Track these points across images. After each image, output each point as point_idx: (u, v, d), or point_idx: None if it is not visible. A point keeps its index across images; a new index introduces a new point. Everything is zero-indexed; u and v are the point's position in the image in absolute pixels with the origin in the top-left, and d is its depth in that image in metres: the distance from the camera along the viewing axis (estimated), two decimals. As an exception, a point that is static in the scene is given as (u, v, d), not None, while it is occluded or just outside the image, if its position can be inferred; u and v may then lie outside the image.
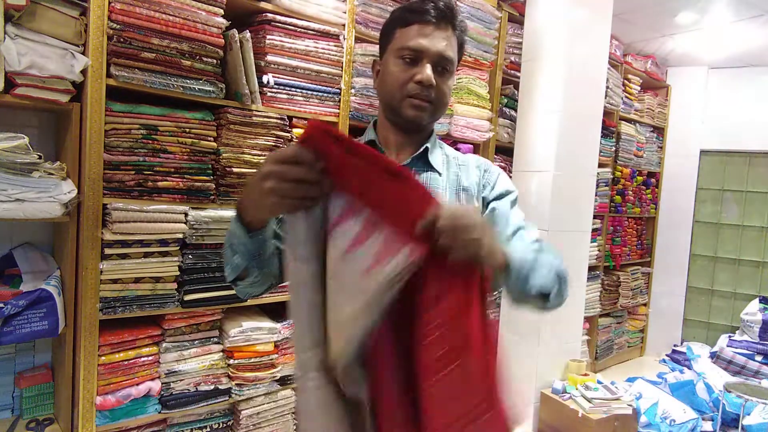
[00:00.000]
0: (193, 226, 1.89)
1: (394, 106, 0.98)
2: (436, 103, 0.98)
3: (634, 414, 2.79)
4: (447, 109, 1.01)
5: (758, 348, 3.91)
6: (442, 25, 0.95)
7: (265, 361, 2.13)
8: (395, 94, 0.97)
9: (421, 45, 0.94)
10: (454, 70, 1.00)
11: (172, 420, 1.99)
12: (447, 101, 1.00)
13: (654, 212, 4.70)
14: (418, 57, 0.95)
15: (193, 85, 1.87)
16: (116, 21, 1.69)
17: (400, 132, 1.03)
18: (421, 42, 0.94)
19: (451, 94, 1.02)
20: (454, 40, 0.97)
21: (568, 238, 2.96)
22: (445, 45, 0.95)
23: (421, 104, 0.96)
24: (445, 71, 0.97)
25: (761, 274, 4.39)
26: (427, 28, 0.95)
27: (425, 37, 0.94)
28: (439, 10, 0.95)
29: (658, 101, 4.56)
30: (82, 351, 1.74)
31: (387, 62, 0.99)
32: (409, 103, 0.96)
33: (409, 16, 0.96)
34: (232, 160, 2.00)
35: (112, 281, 1.77)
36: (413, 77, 0.95)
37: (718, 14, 3.46)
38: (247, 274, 0.91)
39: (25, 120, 1.88)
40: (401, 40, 0.96)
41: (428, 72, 0.94)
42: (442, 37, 0.95)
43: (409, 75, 0.95)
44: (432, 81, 0.94)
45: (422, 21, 0.95)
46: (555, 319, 2.95)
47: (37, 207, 1.61)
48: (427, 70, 0.94)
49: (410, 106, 0.96)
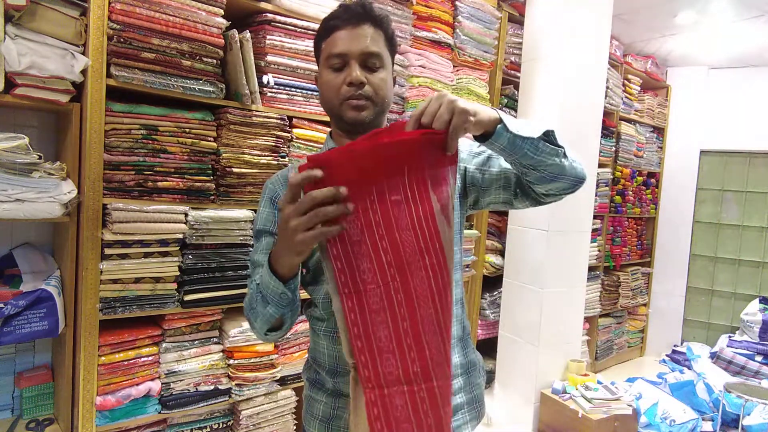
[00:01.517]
0: (193, 227, 1.89)
1: (335, 112, 1.02)
2: (374, 98, 1.00)
3: (634, 414, 2.79)
4: (390, 99, 1.05)
5: (758, 348, 3.91)
6: (360, 24, 0.99)
7: (265, 361, 2.13)
8: (333, 101, 1.00)
9: (343, 49, 0.98)
10: (388, 62, 1.03)
11: (172, 420, 1.99)
12: (385, 93, 1.02)
13: (654, 212, 4.70)
14: (344, 61, 0.98)
15: (193, 85, 1.87)
16: (116, 21, 1.69)
17: (352, 136, 1.04)
18: (343, 46, 0.98)
19: (388, 85, 1.04)
20: (378, 35, 1.00)
21: (568, 238, 2.97)
22: (368, 41, 0.98)
23: (358, 103, 0.99)
24: (375, 66, 1.00)
25: (761, 274, 4.39)
26: (346, 32, 0.98)
27: (346, 41, 0.98)
28: (353, 12, 0.99)
29: (658, 101, 4.56)
30: (82, 351, 1.74)
31: (321, 74, 1.04)
32: (347, 106, 0.99)
33: (329, 25, 1.01)
34: (232, 161, 2.00)
35: (112, 281, 1.77)
36: (344, 81, 0.98)
37: (718, 14, 3.46)
38: (282, 323, 0.97)
39: (25, 120, 1.88)
40: (327, 50, 1.01)
41: (356, 72, 0.97)
42: (363, 35, 0.98)
43: (341, 79, 0.99)
44: (361, 79, 0.97)
45: (340, 27, 0.99)
46: (555, 319, 2.96)
47: (37, 207, 1.61)
48: (354, 71, 0.97)
49: (349, 108, 0.99)
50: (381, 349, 0.80)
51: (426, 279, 0.79)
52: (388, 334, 0.80)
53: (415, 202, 0.79)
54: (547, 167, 0.92)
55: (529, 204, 1.04)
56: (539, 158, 0.90)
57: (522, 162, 0.91)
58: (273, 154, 2.11)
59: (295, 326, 2.23)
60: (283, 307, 0.91)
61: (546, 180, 0.94)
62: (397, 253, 0.79)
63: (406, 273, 0.79)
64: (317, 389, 1.08)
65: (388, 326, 0.80)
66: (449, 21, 2.74)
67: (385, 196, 0.78)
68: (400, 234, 0.79)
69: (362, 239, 0.79)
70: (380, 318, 0.80)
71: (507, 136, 0.86)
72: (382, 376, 0.80)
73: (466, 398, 1.07)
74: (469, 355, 1.09)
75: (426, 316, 0.80)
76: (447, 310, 0.81)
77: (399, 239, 0.79)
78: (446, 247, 0.80)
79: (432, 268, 0.79)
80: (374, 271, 0.79)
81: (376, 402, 0.80)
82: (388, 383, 0.80)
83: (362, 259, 0.79)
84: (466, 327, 1.10)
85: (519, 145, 0.87)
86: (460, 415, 1.05)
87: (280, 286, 0.87)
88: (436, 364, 0.81)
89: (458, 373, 1.05)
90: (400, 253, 0.79)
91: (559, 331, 3.00)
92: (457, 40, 2.78)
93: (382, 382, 0.80)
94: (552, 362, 2.99)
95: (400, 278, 0.79)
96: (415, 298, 0.79)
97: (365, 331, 0.80)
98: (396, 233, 0.78)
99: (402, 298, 0.79)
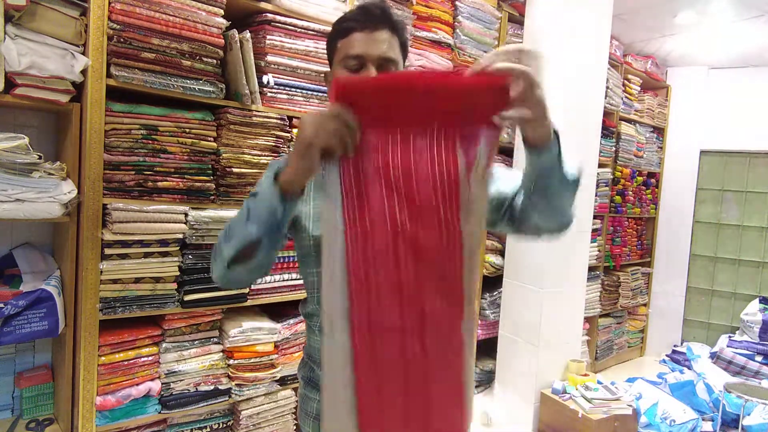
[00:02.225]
0: (193, 227, 1.89)
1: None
2: None
3: (634, 414, 2.79)
4: None
5: (758, 348, 3.91)
6: (379, 29, 0.98)
7: (265, 361, 2.13)
8: None
9: (361, 51, 0.97)
10: (401, 68, 1.03)
11: (172, 420, 1.99)
12: None
13: (654, 212, 4.69)
14: (361, 63, 0.98)
15: (193, 85, 1.87)
16: (116, 21, 1.69)
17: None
18: (360, 48, 0.97)
19: None
20: (394, 41, 1.00)
21: (568, 238, 2.96)
22: (386, 47, 0.98)
23: None
24: (390, 71, 1.00)
25: (761, 274, 4.38)
26: (363, 34, 0.98)
27: (363, 43, 0.98)
28: (374, 15, 0.99)
29: (658, 101, 4.56)
30: (82, 351, 1.74)
31: (335, 73, 1.03)
32: None
33: (347, 26, 1.00)
34: (232, 161, 2.00)
35: (112, 281, 1.77)
36: None
37: (718, 14, 3.45)
38: (252, 252, 0.88)
39: (25, 120, 1.88)
40: (344, 50, 1.00)
41: (374, 75, 0.97)
42: (380, 40, 0.98)
43: None
44: None
45: (360, 28, 0.98)
46: (555, 319, 2.95)
47: (37, 207, 1.61)
48: (372, 74, 0.97)
49: None
50: (378, 294, 0.77)
51: (438, 236, 0.76)
52: (387, 278, 0.76)
53: (439, 154, 0.75)
54: (561, 199, 0.91)
55: (511, 231, 1.03)
56: (561, 189, 0.89)
57: (544, 186, 0.89)
58: (273, 154, 2.11)
59: (295, 326, 2.23)
60: (265, 230, 0.85)
61: (548, 213, 0.93)
62: (411, 200, 0.75)
63: (417, 223, 0.75)
64: (312, 387, 1.08)
65: (387, 270, 0.76)
66: (449, 21, 2.74)
67: (409, 139, 0.76)
68: (418, 182, 0.75)
69: (377, 178, 0.76)
70: (381, 261, 0.76)
71: (555, 152, 0.83)
72: (374, 322, 0.77)
73: None
74: None
75: (430, 273, 0.77)
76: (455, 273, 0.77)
77: (416, 187, 0.75)
78: (463, 208, 0.76)
79: (446, 224, 0.76)
80: (384, 212, 0.76)
81: (363, 346, 0.77)
82: (381, 329, 0.77)
83: (374, 197, 0.76)
84: None
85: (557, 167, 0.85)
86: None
87: (276, 199, 0.84)
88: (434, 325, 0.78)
89: None
90: (414, 202, 0.75)
91: (559, 331, 3.00)
92: (457, 40, 2.78)
93: (373, 327, 0.77)
94: (552, 362, 2.99)
95: (411, 227, 0.75)
96: (423, 250, 0.76)
97: (364, 271, 0.76)
98: (413, 180, 0.75)
99: (408, 247, 0.76)
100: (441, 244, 0.76)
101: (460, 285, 0.78)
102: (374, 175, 0.76)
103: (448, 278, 0.78)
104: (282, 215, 0.86)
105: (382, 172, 0.76)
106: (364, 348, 0.78)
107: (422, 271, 0.77)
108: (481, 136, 0.77)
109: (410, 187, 0.76)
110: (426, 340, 0.78)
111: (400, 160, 0.76)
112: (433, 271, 0.77)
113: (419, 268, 0.77)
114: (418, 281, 0.77)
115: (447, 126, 0.75)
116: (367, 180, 0.77)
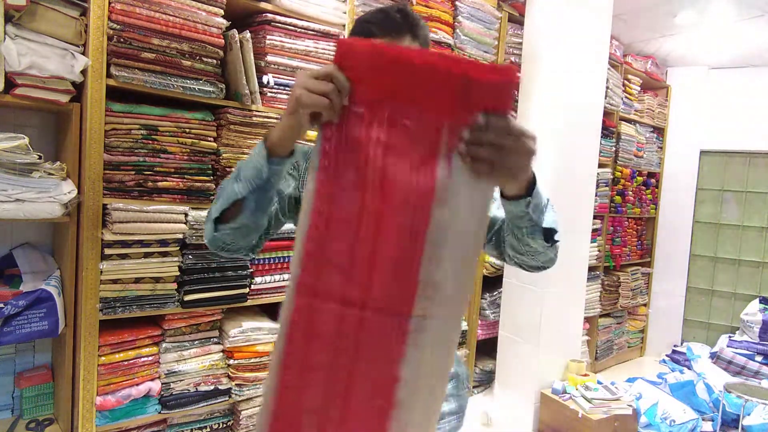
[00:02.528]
0: (193, 227, 1.89)
1: None
2: None
3: (634, 414, 2.79)
4: None
5: (758, 348, 3.91)
6: (400, 37, 0.96)
7: (265, 361, 2.13)
8: None
9: None
10: None
11: (172, 420, 1.99)
12: None
13: (654, 212, 4.69)
14: None
15: (193, 85, 1.87)
16: (116, 21, 1.69)
17: None
18: None
19: None
20: (415, 46, 0.99)
21: (568, 238, 2.94)
22: None
23: None
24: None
25: (761, 274, 4.38)
26: (391, 40, 0.96)
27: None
28: (396, 22, 0.96)
29: (658, 101, 4.56)
30: (82, 351, 1.74)
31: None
32: None
33: (368, 29, 0.97)
34: (232, 161, 2.00)
35: (112, 281, 1.77)
36: None
37: (719, 14, 3.45)
38: (237, 212, 0.88)
39: (25, 120, 1.88)
40: None
41: None
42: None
43: None
44: None
45: (381, 35, 0.96)
46: (555, 319, 2.95)
47: (37, 207, 1.61)
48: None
49: None
50: (329, 262, 0.75)
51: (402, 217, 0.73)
52: (344, 250, 0.74)
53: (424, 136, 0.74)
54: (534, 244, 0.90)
55: (496, 255, 1.03)
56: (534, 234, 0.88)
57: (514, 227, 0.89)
58: (273, 154, 2.10)
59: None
60: (250, 189, 0.85)
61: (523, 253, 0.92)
62: (385, 177, 0.73)
63: (386, 202, 0.73)
64: None
65: (348, 242, 0.74)
66: (449, 21, 2.74)
67: (398, 117, 0.74)
68: (397, 161, 0.74)
69: (357, 148, 0.74)
70: (342, 230, 0.74)
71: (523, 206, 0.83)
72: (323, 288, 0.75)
73: (449, 408, 1.08)
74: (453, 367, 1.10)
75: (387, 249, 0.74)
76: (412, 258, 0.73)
77: (393, 165, 0.73)
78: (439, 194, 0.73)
79: (415, 208, 0.73)
80: (356, 184, 0.74)
81: (303, 310, 0.75)
82: (325, 296, 0.75)
83: (350, 168, 0.74)
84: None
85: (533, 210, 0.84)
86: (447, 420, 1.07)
87: (263, 158, 0.84)
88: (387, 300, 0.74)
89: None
90: (388, 180, 0.73)
91: (559, 331, 3.00)
92: (457, 40, 2.77)
93: (319, 293, 0.75)
94: (552, 362, 2.99)
95: (381, 203, 0.73)
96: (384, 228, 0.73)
97: (321, 237, 0.75)
98: (393, 158, 0.74)
99: (370, 222, 0.74)
100: (404, 225, 0.74)
101: (415, 273, 0.73)
102: (354, 146, 0.75)
103: (404, 262, 0.74)
104: (267, 175, 0.84)
105: (363, 144, 0.74)
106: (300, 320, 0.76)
107: (380, 248, 0.74)
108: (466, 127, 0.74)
109: (387, 164, 0.74)
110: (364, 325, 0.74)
111: (386, 136, 0.74)
112: (390, 250, 0.74)
113: (377, 246, 0.74)
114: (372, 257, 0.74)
115: (438, 109, 0.73)
116: (346, 151, 0.75)
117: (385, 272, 0.74)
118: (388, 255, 0.74)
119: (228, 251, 0.98)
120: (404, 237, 0.73)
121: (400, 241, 0.73)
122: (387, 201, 0.74)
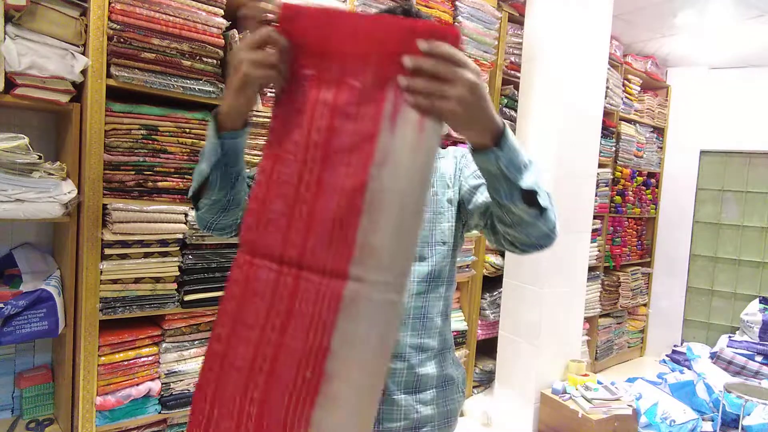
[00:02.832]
0: (193, 227, 1.89)
1: None
2: None
3: (634, 414, 2.79)
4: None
5: (758, 348, 3.91)
6: None
7: (265, 361, 2.13)
8: None
9: None
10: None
11: (172, 420, 1.99)
12: None
13: (654, 212, 4.70)
14: None
15: (193, 85, 1.87)
16: (116, 21, 1.69)
17: None
18: None
19: None
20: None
21: (568, 238, 2.97)
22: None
23: None
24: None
25: (761, 274, 4.38)
26: None
27: None
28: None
29: (658, 101, 4.56)
30: (82, 351, 1.74)
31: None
32: None
33: None
34: (232, 161, 2.00)
35: (112, 281, 1.77)
36: None
37: (719, 14, 3.46)
38: (207, 188, 0.88)
39: (25, 120, 1.88)
40: None
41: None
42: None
43: None
44: None
45: None
46: (555, 319, 2.96)
47: (37, 207, 1.61)
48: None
49: None
50: (269, 220, 0.75)
51: (343, 175, 0.72)
52: (284, 209, 0.75)
53: (368, 95, 0.72)
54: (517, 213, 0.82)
55: (493, 240, 0.98)
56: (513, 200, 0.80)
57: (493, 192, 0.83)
58: (273, 154, 2.11)
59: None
60: (212, 165, 0.85)
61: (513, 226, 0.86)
62: (327, 138, 0.73)
63: (327, 161, 0.73)
64: None
65: (288, 201, 0.74)
66: (449, 21, 2.74)
67: (344, 76, 0.73)
68: (341, 120, 0.73)
69: (303, 109, 0.75)
70: (283, 189, 0.75)
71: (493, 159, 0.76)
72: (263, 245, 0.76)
73: (438, 411, 1.05)
74: (446, 369, 1.07)
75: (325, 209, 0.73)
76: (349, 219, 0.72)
77: (337, 125, 0.73)
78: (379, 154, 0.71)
79: (354, 168, 0.72)
80: (299, 143, 0.75)
81: (243, 266, 0.77)
82: (264, 254, 0.75)
83: (294, 129, 0.75)
84: (447, 340, 1.08)
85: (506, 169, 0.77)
86: (429, 427, 1.04)
87: (213, 134, 0.83)
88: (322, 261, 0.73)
89: (432, 385, 1.04)
90: (330, 140, 0.73)
91: (559, 331, 3.00)
92: (457, 40, 2.77)
93: (259, 250, 0.76)
94: (552, 362, 2.99)
95: (320, 164, 0.73)
96: (324, 188, 0.73)
97: (264, 196, 0.76)
98: (336, 118, 0.73)
99: (311, 181, 0.74)
100: (343, 186, 0.72)
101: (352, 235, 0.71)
102: (300, 107, 0.75)
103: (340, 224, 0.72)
104: (222, 150, 0.84)
105: (308, 106, 0.75)
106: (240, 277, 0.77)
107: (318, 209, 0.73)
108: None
109: (331, 124, 0.73)
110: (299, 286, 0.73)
111: (332, 97, 0.74)
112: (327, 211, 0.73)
113: (315, 206, 0.73)
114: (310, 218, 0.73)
115: (384, 66, 0.71)
116: (293, 112, 0.76)
117: (323, 233, 0.73)
118: (325, 216, 0.73)
119: (217, 231, 0.98)
120: (342, 198, 0.72)
121: (338, 202, 0.72)
122: (327, 161, 0.73)
